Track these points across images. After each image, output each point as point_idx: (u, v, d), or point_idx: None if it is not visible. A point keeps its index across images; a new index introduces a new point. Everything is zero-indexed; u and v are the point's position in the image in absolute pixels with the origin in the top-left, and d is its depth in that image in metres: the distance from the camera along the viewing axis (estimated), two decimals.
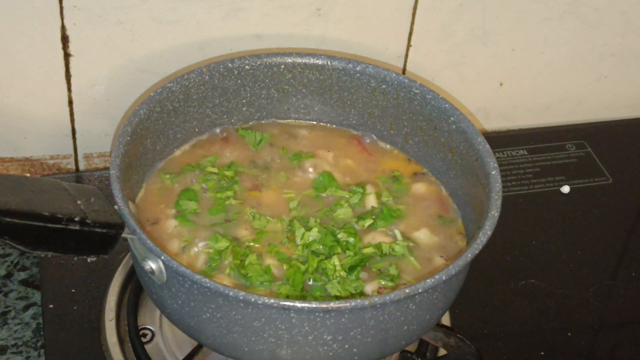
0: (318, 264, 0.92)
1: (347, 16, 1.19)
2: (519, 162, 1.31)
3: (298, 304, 0.81)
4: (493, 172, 0.95)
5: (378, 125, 1.09)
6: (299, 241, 0.95)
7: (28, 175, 1.23)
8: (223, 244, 0.94)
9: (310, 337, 0.84)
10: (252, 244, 0.95)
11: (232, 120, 1.08)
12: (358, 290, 0.91)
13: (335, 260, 0.93)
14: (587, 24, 1.29)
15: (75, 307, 1.06)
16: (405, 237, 0.98)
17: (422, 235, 0.99)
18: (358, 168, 1.06)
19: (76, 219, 0.84)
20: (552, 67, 1.33)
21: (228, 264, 0.93)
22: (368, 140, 1.09)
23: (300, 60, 1.06)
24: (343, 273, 0.92)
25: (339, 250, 0.94)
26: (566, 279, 1.16)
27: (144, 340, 1.03)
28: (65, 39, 1.12)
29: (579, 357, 1.09)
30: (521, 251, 1.18)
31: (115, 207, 0.87)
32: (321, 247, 0.95)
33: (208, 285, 0.82)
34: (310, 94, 1.08)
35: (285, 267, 0.93)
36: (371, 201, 1.02)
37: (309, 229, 0.96)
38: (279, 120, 1.10)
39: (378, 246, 0.96)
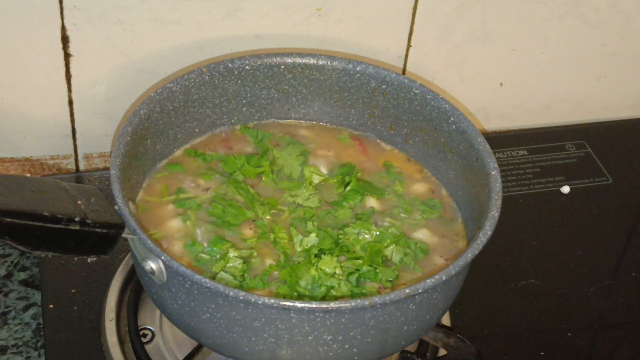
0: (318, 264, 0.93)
1: (347, 16, 1.19)
2: (519, 162, 1.31)
3: (298, 304, 0.81)
4: (493, 172, 0.95)
5: (378, 125, 1.09)
6: (298, 248, 0.95)
7: (28, 175, 1.23)
8: (225, 245, 0.94)
9: (310, 337, 0.84)
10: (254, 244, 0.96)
11: (232, 121, 1.08)
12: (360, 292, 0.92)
13: (334, 262, 0.93)
14: (587, 24, 1.29)
15: (75, 307, 1.06)
16: (407, 237, 0.98)
17: (422, 235, 0.99)
18: (358, 168, 1.06)
19: (76, 219, 0.84)
20: (552, 67, 1.33)
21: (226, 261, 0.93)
22: (368, 141, 1.10)
23: (300, 61, 1.06)
24: (343, 277, 0.92)
25: (337, 252, 0.94)
26: (566, 279, 1.16)
27: (144, 340, 1.03)
28: (65, 39, 1.12)
29: (579, 357, 1.09)
30: (521, 251, 1.18)
31: (115, 207, 0.87)
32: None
33: (208, 285, 0.82)
34: (310, 94, 1.09)
35: (295, 257, 0.93)
36: (371, 202, 1.02)
37: (307, 233, 0.96)
38: (279, 120, 1.10)
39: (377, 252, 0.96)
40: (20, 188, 0.85)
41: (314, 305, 0.81)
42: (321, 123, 1.11)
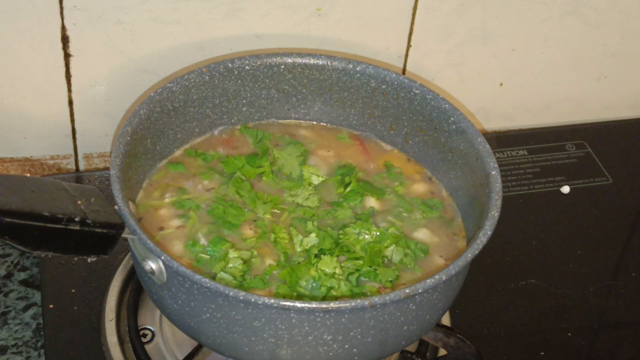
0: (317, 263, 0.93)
1: (347, 16, 1.19)
2: (519, 162, 1.31)
3: (298, 304, 0.81)
4: (493, 172, 0.95)
5: (378, 125, 1.09)
6: (298, 248, 0.95)
7: (28, 175, 1.23)
8: (225, 245, 0.94)
9: (310, 337, 0.84)
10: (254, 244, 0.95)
11: (232, 121, 1.08)
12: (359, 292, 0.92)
13: (334, 262, 0.92)
14: (587, 24, 1.29)
15: (75, 307, 1.06)
16: (407, 237, 0.98)
17: (422, 235, 0.99)
18: (358, 168, 1.06)
19: (76, 219, 0.84)
20: (552, 67, 1.33)
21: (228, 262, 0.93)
22: (368, 140, 1.10)
23: (300, 61, 1.06)
24: (343, 277, 0.92)
25: (337, 252, 0.94)
26: (566, 279, 1.16)
27: (144, 340, 1.03)
28: (65, 39, 1.12)
29: (579, 357, 1.09)
30: (521, 251, 1.18)
31: (115, 207, 0.87)
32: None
33: (208, 285, 0.82)
34: (310, 94, 1.09)
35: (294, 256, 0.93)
36: (371, 202, 1.02)
37: (306, 233, 0.96)
38: (279, 120, 1.10)
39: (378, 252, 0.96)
40: (20, 188, 0.85)
41: (314, 305, 0.81)
42: (321, 123, 1.11)
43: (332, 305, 0.81)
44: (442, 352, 1.04)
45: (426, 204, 1.02)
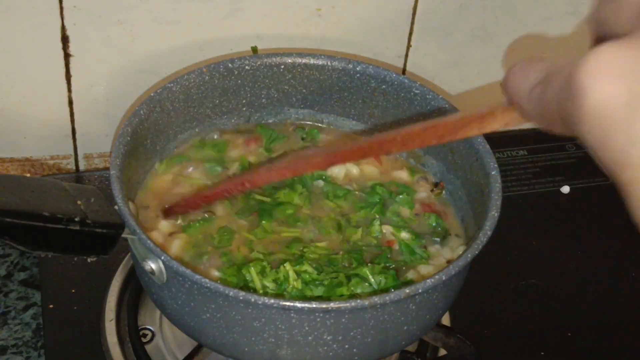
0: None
1: (347, 16, 1.19)
2: (519, 162, 1.31)
3: (298, 304, 0.81)
4: (493, 172, 0.95)
5: (378, 126, 1.09)
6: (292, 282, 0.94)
7: (28, 175, 1.23)
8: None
9: (310, 337, 0.84)
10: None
11: (233, 121, 1.08)
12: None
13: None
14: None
15: (75, 307, 1.06)
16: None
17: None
18: (363, 173, 1.05)
19: (76, 219, 0.84)
20: None
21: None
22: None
23: (300, 61, 1.06)
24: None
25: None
26: (566, 279, 1.16)
27: (144, 340, 1.03)
28: (65, 39, 1.12)
29: (579, 357, 1.09)
30: (521, 251, 1.18)
31: (115, 207, 0.87)
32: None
33: (208, 285, 0.82)
34: (310, 94, 1.08)
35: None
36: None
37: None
38: (278, 120, 1.10)
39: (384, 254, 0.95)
40: (20, 188, 0.85)
41: (314, 306, 0.81)
42: (321, 124, 1.11)
43: (332, 305, 0.81)
44: (442, 352, 1.04)
45: (434, 231, 1.00)
